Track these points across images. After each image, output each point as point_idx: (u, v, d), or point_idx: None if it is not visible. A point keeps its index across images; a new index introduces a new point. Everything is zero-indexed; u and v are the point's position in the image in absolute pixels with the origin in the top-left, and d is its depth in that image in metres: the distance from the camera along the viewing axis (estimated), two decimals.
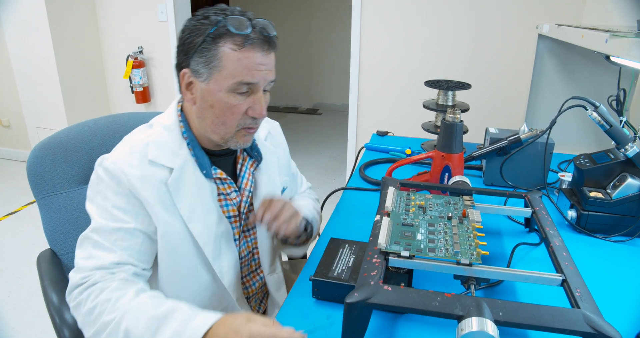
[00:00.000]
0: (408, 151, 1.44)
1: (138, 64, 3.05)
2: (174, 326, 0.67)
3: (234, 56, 0.76)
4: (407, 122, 2.52)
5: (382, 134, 1.68)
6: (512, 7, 2.21)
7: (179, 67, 0.82)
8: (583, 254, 0.94)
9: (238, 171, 0.93)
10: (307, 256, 1.11)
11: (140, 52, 3.09)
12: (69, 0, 2.97)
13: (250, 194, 0.94)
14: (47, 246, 1.08)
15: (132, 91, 3.14)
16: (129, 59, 3.05)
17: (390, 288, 0.64)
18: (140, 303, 0.72)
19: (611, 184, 1.02)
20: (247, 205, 0.93)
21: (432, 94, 1.52)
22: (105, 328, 0.71)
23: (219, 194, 0.89)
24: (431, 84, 1.47)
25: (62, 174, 1.08)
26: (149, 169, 0.80)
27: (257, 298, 1.03)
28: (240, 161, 0.94)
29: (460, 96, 1.51)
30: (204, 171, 0.85)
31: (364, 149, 1.52)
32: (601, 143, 1.55)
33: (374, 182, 1.24)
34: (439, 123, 1.49)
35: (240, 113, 0.80)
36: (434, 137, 1.60)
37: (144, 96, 3.14)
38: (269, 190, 0.96)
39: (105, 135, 1.13)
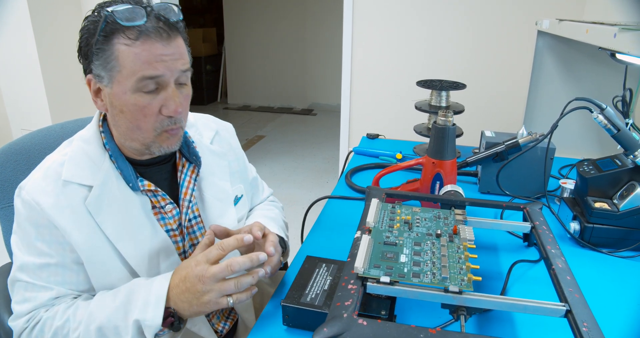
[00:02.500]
0: (399, 156, 1.35)
1: None
2: (139, 301, 0.69)
3: (130, 51, 0.66)
4: (399, 125, 2.42)
5: (372, 137, 1.59)
6: (509, 2, 2.12)
7: (85, 73, 0.73)
8: (587, 270, 0.85)
9: (178, 180, 0.84)
10: (287, 266, 1.02)
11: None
12: (53, 0, 2.88)
13: (192, 205, 0.84)
14: (8, 259, 1.00)
15: None
16: None
17: (365, 323, 0.54)
18: (98, 302, 0.71)
19: (618, 194, 0.93)
20: (187, 217, 0.84)
21: (426, 94, 1.43)
22: None
23: (153, 208, 0.80)
24: (423, 84, 1.38)
25: None
26: (64, 193, 0.72)
27: (219, 316, 0.94)
28: (179, 167, 0.84)
29: (455, 96, 1.42)
30: (130, 184, 0.76)
31: (352, 153, 1.43)
32: (604, 146, 1.45)
33: (361, 190, 1.15)
34: (431, 125, 1.40)
35: (153, 114, 0.71)
36: (427, 140, 1.51)
37: None
38: (217, 198, 0.87)
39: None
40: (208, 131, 0.92)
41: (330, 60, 5.03)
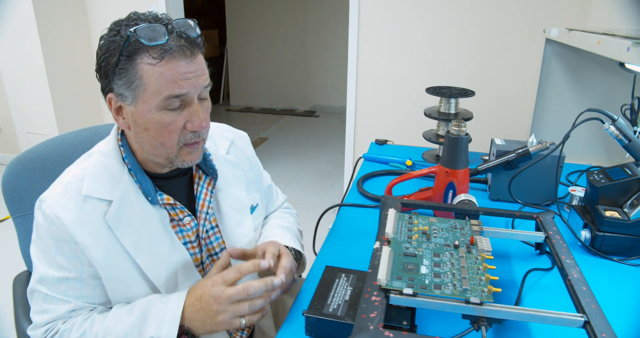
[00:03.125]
0: (409, 162, 1.36)
1: None
2: (155, 319, 0.71)
3: (154, 71, 0.67)
4: (406, 130, 2.43)
5: (381, 142, 1.60)
6: (515, 9, 2.13)
7: (104, 92, 0.74)
8: (598, 278, 0.87)
9: (195, 192, 0.85)
10: (301, 277, 1.03)
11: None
12: (57, 2, 2.88)
13: (209, 216, 0.86)
14: (24, 267, 1.02)
15: None
16: None
17: (392, 335, 0.56)
18: (114, 317, 0.73)
19: (628, 202, 0.94)
20: (205, 229, 0.85)
21: (433, 100, 1.44)
22: None
23: (171, 220, 0.81)
24: (433, 91, 1.40)
25: (41, 191, 1.00)
26: (85, 208, 0.73)
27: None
28: (196, 180, 0.85)
29: (463, 103, 1.43)
30: (149, 198, 0.78)
31: (361, 159, 1.44)
32: (611, 152, 1.47)
33: (373, 197, 1.16)
34: (440, 132, 1.42)
35: (177, 130, 0.72)
36: (436, 146, 1.52)
37: None
38: (234, 208, 0.89)
39: (88, 148, 1.05)
40: (224, 141, 0.93)
41: (333, 61, 5.05)
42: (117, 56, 0.68)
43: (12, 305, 0.98)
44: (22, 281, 1.03)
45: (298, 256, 0.93)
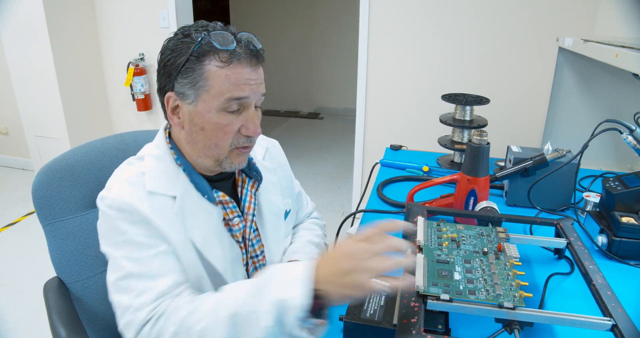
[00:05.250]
0: (425, 168, 1.40)
1: (139, 71, 2.99)
2: (281, 280, 0.61)
3: (221, 73, 0.72)
4: (416, 135, 2.46)
5: (396, 148, 1.64)
6: (527, 17, 2.15)
7: (162, 91, 0.77)
8: (616, 282, 0.90)
9: (239, 195, 0.88)
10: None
11: (142, 59, 3.03)
12: (68, 6, 2.91)
13: (253, 218, 0.88)
14: (43, 262, 1.03)
15: (134, 99, 3.08)
16: (130, 66, 2.99)
17: None
18: (227, 292, 0.67)
19: None
20: (251, 230, 0.88)
21: (445, 106, 1.48)
22: (205, 330, 0.64)
23: (223, 219, 0.84)
24: (448, 98, 1.43)
25: (69, 198, 1.03)
26: (153, 200, 0.75)
27: None
28: (240, 183, 0.88)
29: (477, 110, 1.47)
30: (206, 196, 0.80)
31: (378, 165, 1.48)
32: (620, 157, 1.51)
33: (395, 204, 1.20)
34: (456, 138, 1.45)
35: (232, 133, 0.76)
36: (450, 152, 1.56)
37: (145, 103, 3.08)
38: (272, 213, 0.91)
39: (114, 155, 1.08)
40: (260, 148, 0.97)
41: (337, 63, 5.08)
42: (186, 56, 0.72)
43: (46, 311, 1.00)
44: (54, 288, 1.05)
45: None
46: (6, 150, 3.61)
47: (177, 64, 0.73)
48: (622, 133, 0.92)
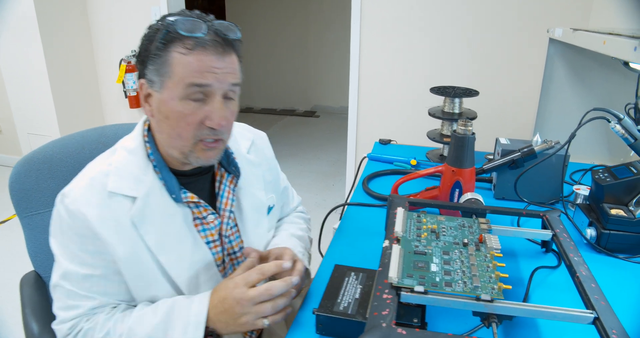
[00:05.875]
0: (413, 162, 1.37)
1: (131, 68, 2.96)
2: (180, 321, 0.71)
3: (183, 59, 0.70)
4: (409, 130, 2.44)
5: (384, 142, 1.61)
6: (518, 9, 2.14)
7: (139, 78, 0.76)
8: (604, 275, 0.87)
9: (217, 190, 0.85)
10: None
11: (134, 55, 3.00)
12: (59, 3, 2.89)
13: (232, 215, 0.86)
14: (31, 267, 1.01)
15: (126, 96, 3.06)
16: (122, 63, 2.97)
17: (404, 332, 0.57)
18: (138, 317, 0.73)
19: (634, 201, 0.95)
20: (229, 227, 0.85)
21: (436, 100, 1.45)
22: None
23: (194, 219, 0.81)
24: (437, 91, 1.40)
25: (47, 191, 1.01)
26: (109, 205, 0.73)
27: None
28: (218, 178, 0.86)
29: (467, 103, 1.44)
30: (173, 196, 0.78)
31: (365, 159, 1.45)
32: (613, 151, 1.48)
33: (379, 197, 1.17)
34: (445, 132, 1.43)
35: (195, 123, 0.73)
36: (439, 146, 1.53)
37: (137, 100, 3.05)
38: (253, 208, 0.89)
39: (94, 148, 1.06)
40: (245, 141, 0.94)
41: (333, 62, 5.06)
42: (156, 42, 0.71)
43: (20, 306, 0.98)
44: (30, 282, 1.03)
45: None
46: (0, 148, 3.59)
47: (148, 51, 0.72)
48: (610, 122, 0.89)
